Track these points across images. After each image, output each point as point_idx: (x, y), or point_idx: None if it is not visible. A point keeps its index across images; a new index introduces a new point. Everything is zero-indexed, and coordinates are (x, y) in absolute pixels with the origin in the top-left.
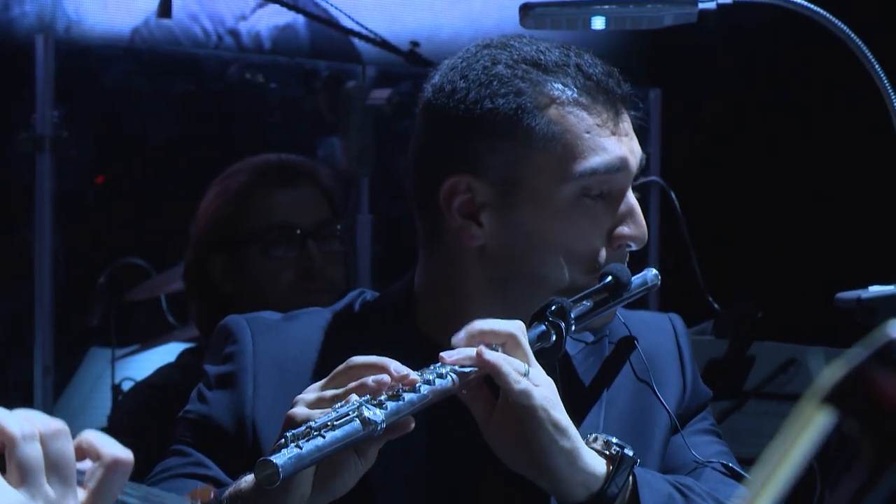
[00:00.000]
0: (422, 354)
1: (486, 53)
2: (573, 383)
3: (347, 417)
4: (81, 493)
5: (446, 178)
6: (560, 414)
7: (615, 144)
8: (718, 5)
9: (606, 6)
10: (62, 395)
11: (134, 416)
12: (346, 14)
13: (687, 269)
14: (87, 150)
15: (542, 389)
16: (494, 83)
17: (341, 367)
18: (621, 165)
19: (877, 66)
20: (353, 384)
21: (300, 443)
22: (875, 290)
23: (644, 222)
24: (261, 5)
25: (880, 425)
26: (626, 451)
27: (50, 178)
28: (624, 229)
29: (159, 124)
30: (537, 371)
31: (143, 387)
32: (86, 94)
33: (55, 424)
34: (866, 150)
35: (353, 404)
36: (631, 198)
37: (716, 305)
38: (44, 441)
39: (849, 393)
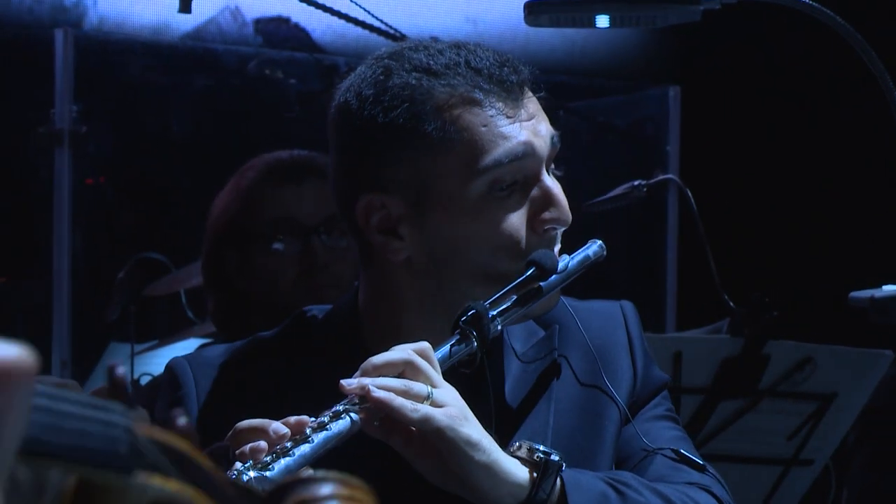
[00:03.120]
0: None
1: (379, 66)
2: (520, 381)
3: None
4: None
5: (359, 198)
6: (470, 429)
7: (516, 130)
8: (723, 4)
9: (611, 4)
10: (81, 389)
11: (150, 410)
12: (365, 10)
13: (703, 268)
14: (105, 145)
15: (446, 409)
16: (386, 96)
17: (229, 434)
18: (526, 150)
19: (880, 64)
20: (236, 452)
21: None
22: (889, 289)
23: (565, 203)
24: None
25: None
26: (552, 456)
27: (68, 172)
28: (545, 214)
29: (178, 119)
30: (443, 391)
31: (159, 381)
32: (105, 88)
33: None
34: (883, 150)
35: (233, 474)
36: (546, 180)
37: (731, 304)
38: None
39: None
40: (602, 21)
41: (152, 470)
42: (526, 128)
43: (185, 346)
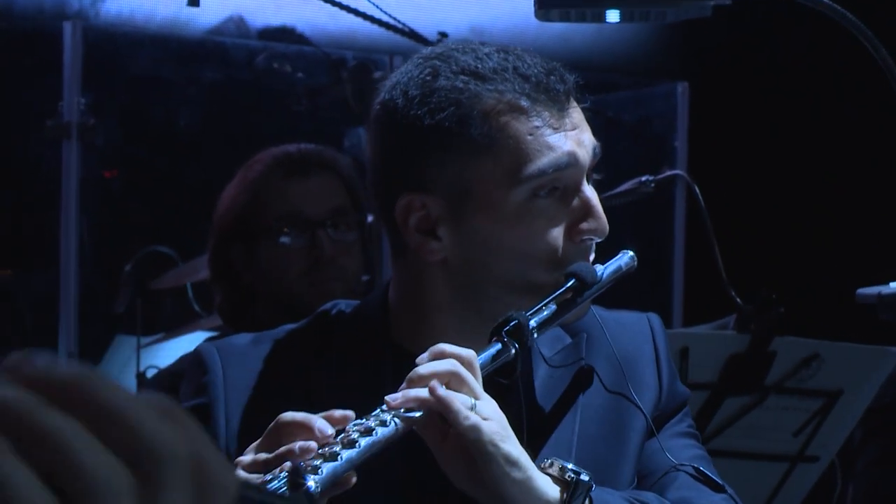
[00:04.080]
0: (395, 365)
1: (427, 66)
2: (549, 386)
3: (278, 485)
4: None
5: (399, 197)
6: (510, 446)
7: (561, 140)
8: (733, 0)
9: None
10: None
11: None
12: (374, 3)
13: (710, 263)
14: (113, 137)
15: (490, 423)
16: (434, 98)
17: (271, 425)
18: (570, 161)
19: (890, 61)
20: (282, 449)
21: None
22: None
23: (602, 214)
24: None
25: None
26: (581, 476)
27: (76, 165)
28: (582, 224)
29: (186, 112)
30: (485, 403)
31: (165, 374)
32: (113, 81)
33: None
34: (890, 146)
35: (285, 473)
36: (586, 190)
37: (738, 300)
38: None
39: None
40: (613, 16)
41: None
42: (571, 137)
43: (192, 340)
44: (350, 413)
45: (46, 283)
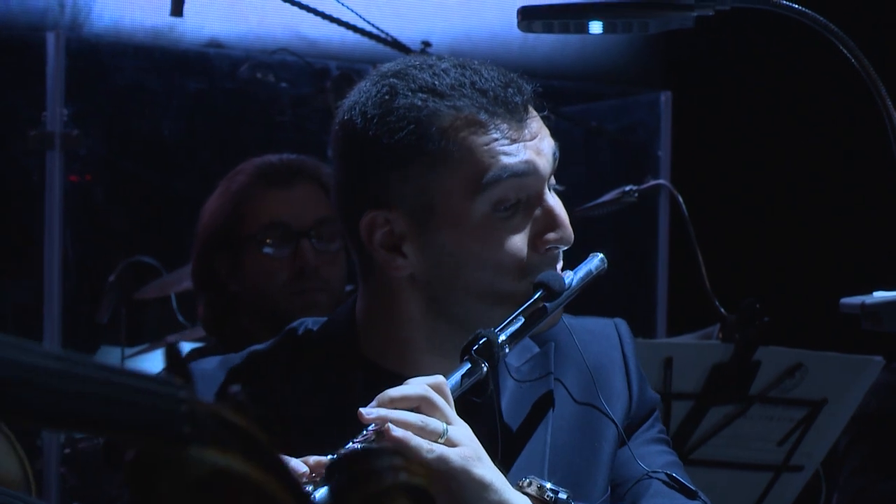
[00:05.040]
0: (366, 381)
1: (384, 85)
2: (517, 400)
3: None
4: None
5: (363, 215)
6: (483, 469)
7: (519, 150)
8: (716, 11)
9: (604, 10)
10: None
11: None
12: (357, 14)
13: (694, 273)
14: (96, 147)
15: (460, 450)
16: (392, 116)
17: None
18: (527, 169)
19: (873, 72)
20: None
21: None
22: (879, 295)
23: (567, 222)
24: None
25: None
26: (560, 494)
27: (60, 175)
28: (547, 234)
29: (170, 122)
30: (457, 428)
31: None
32: (96, 91)
33: None
34: (874, 156)
35: None
36: (549, 199)
37: (722, 309)
38: None
39: None
40: (595, 27)
41: (210, 442)
42: (529, 147)
43: None
44: (323, 459)
45: (29, 293)
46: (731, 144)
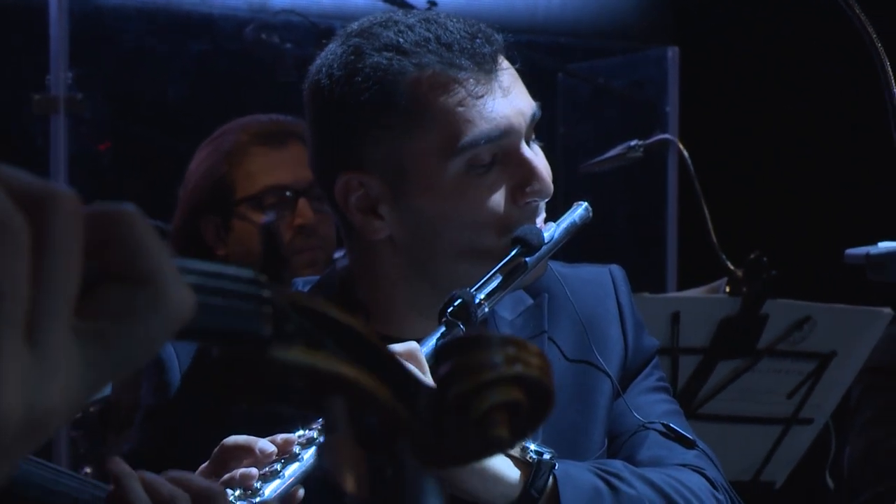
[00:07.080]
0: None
1: (349, 45)
2: None
3: None
4: None
5: (337, 177)
6: None
7: (493, 107)
8: None
9: None
10: None
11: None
12: None
13: (701, 228)
14: (101, 111)
15: None
16: (358, 77)
17: (216, 450)
18: (503, 132)
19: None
20: (225, 477)
21: None
22: (884, 245)
23: (546, 175)
24: None
25: None
26: (544, 455)
27: (64, 139)
28: (526, 188)
29: (174, 85)
30: None
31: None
32: (100, 55)
33: None
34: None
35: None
36: (526, 153)
37: (729, 264)
38: None
39: None
40: None
41: (295, 338)
42: (503, 105)
43: None
44: (292, 436)
45: None
46: (739, 99)
